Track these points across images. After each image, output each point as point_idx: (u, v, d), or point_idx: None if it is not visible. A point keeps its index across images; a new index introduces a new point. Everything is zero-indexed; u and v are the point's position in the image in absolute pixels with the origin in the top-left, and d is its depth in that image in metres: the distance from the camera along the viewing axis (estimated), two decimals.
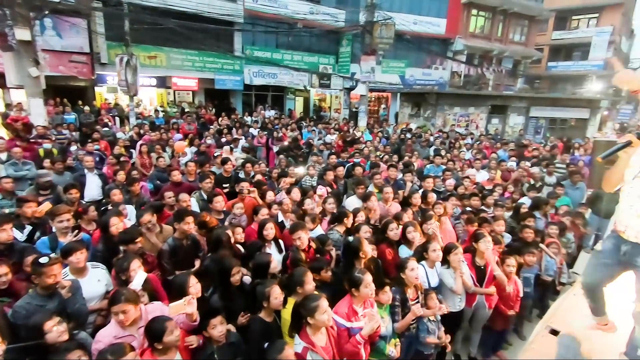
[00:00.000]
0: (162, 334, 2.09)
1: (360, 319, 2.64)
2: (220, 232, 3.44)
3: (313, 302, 2.35)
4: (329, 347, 2.46)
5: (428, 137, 11.45)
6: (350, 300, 2.70)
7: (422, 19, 19.52)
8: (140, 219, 3.61)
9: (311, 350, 2.32)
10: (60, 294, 2.51)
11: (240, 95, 17.67)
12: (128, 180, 5.20)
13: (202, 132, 10.50)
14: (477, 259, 3.78)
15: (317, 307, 2.32)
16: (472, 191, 5.83)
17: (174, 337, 2.13)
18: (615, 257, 2.11)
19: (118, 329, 2.30)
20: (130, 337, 2.28)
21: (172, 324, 2.18)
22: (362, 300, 2.71)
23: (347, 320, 2.60)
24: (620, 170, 2.09)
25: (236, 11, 15.42)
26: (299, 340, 2.37)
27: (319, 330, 2.40)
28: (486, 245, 3.69)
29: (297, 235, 3.45)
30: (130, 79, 11.33)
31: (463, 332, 4.07)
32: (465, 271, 3.63)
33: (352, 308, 2.67)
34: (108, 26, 12.93)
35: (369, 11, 12.77)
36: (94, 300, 2.89)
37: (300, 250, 3.42)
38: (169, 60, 15.10)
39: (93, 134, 8.22)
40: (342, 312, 2.62)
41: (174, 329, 2.16)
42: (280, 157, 7.56)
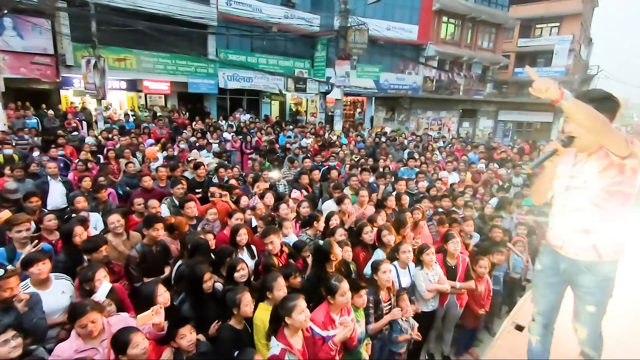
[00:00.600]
0: (125, 346, 2.02)
1: (337, 327, 2.62)
2: (199, 238, 3.36)
3: (291, 301, 2.36)
4: (305, 350, 2.45)
5: (402, 141, 11.68)
6: (327, 308, 2.69)
7: (395, 25, 19.95)
8: (107, 219, 3.48)
9: (289, 352, 2.30)
10: (17, 308, 2.37)
11: (214, 99, 17.41)
12: (94, 187, 4.99)
13: (175, 137, 10.26)
14: (448, 259, 3.88)
15: (294, 306, 2.32)
16: (444, 193, 5.98)
17: (139, 350, 2.05)
18: (557, 274, 2.04)
19: (80, 342, 2.19)
20: (93, 351, 2.18)
21: (138, 336, 2.11)
22: (339, 308, 2.70)
23: (322, 329, 2.58)
24: (548, 181, 2.05)
25: (209, 14, 15.22)
26: (276, 342, 2.34)
27: (296, 332, 2.39)
28: (455, 246, 3.79)
29: (269, 240, 3.42)
30: (98, 82, 10.94)
31: (436, 331, 4.15)
32: (438, 271, 3.72)
33: (329, 316, 2.65)
34: (74, 27, 12.44)
35: (343, 16, 12.92)
36: (58, 313, 2.74)
37: (273, 255, 3.39)
38: (139, 63, 14.68)
39: (57, 139, 7.86)
40: (318, 321, 2.60)
41: (140, 341, 2.08)
42: (254, 162, 7.49)
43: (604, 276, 1.89)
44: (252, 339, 2.62)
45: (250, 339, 2.62)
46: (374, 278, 3.18)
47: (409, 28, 20.51)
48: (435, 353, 4.21)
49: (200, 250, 3.24)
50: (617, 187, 1.77)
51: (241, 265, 3.00)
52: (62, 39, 12.65)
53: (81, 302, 2.30)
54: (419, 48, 21.54)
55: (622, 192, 1.78)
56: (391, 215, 4.89)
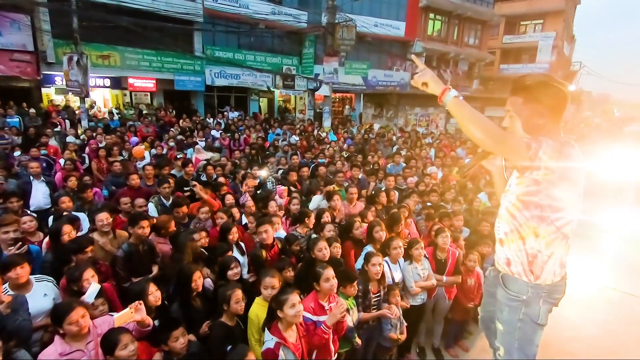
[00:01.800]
0: (114, 346, 1.99)
1: (327, 313, 2.66)
2: (185, 236, 3.32)
3: (283, 295, 2.37)
4: (299, 344, 2.45)
5: (391, 137, 11.75)
6: (315, 296, 2.73)
7: (383, 21, 19.99)
8: (95, 217, 3.42)
9: (283, 346, 2.31)
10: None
11: (201, 96, 17.18)
12: (79, 187, 4.89)
13: (162, 135, 10.11)
14: (438, 253, 3.94)
15: (286, 300, 2.32)
16: (433, 188, 6.04)
17: (127, 351, 2.02)
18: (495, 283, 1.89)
19: (64, 345, 2.14)
20: (79, 353, 2.14)
21: (127, 337, 2.07)
22: (326, 295, 2.73)
23: (313, 314, 2.62)
24: (500, 181, 1.91)
25: (195, 10, 14.99)
26: (270, 336, 2.35)
27: (290, 326, 2.40)
28: (444, 240, 3.85)
29: (264, 229, 3.43)
30: (81, 80, 10.69)
31: (426, 324, 4.20)
32: (426, 266, 3.77)
33: (318, 303, 2.69)
34: (54, 23, 12.07)
35: (330, 13, 12.90)
36: (40, 317, 2.67)
37: (263, 249, 3.39)
38: (123, 60, 14.38)
39: (40, 138, 7.66)
40: (308, 306, 2.64)
41: (128, 343, 2.05)
42: (241, 160, 7.45)
43: (514, 295, 1.73)
44: (245, 335, 2.61)
45: (243, 335, 2.61)
46: (365, 269, 3.22)
47: (396, 25, 20.58)
48: (425, 346, 4.26)
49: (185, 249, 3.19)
50: (530, 197, 1.59)
51: (234, 263, 3.00)
52: (43, 35, 12.28)
53: (64, 301, 2.26)
54: (407, 45, 21.64)
55: (536, 204, 1.58)
56: (381, 211, 4.92)
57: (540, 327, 1.72)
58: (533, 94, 1.62)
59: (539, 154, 1.47)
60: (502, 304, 1.79)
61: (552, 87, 1.60)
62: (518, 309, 1.71)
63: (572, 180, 1.54)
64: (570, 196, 1.55)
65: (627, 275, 4.01)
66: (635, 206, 5.71)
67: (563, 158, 1.50)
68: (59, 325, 2.14)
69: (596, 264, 4.17)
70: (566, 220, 1.57)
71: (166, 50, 14.81)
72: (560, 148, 1.51)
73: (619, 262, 4.35)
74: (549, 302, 1.68)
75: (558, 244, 1.60)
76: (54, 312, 2.21)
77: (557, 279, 1.65)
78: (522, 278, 1.68)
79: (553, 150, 1.49)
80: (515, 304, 1.72)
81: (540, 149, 1.48)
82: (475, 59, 24.78)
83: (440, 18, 22.49)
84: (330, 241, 3.51)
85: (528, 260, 1.65)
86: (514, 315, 1.73)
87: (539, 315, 1.68)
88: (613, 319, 3.17)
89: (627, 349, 2.75)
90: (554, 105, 1.60)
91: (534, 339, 1.73)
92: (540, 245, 1.60)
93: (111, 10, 12.21)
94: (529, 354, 1.76)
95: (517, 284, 1.71)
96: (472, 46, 24.54)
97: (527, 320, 1.70)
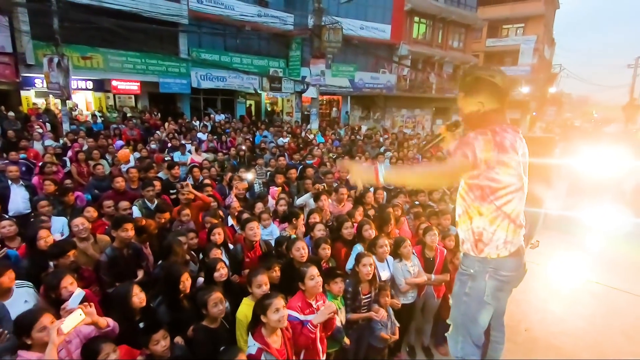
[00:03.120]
0: (95, 355, 1.92)
1: (315, 311, 2.64)
2: (172, 239, 3.26)
3: (267, 299, 2.33)
4: (284, 349, 2.41)
5: (378, 139, 11.84)
6: (301, 295, 2.70)
7: (368, 24, 20.16)
8: (71, 223, 3.31)
9: (266, 352, 2.26)
10: None
11: (187, 99, 16.97)
12: (60, 190, 4.75)
13: (147, 138, 9.93)
14: (427, 251, 3.95)
15: (269, 304, 2.28)
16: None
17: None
18: None
19: (32, 355, 2.02)
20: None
21: (109, 347, 2.00)
22: (312, 294, 2.70)
23: (300, 313, 2.59)
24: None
25: (180, 11, 14.83)
26: (253, 342, 2.30)
27: (274, 332, 2.35)
28: (432, 238, 3.86)
29: (250, 226, 3.41)
30: (62, 82, 10.42)
31: (415, 323, 4.21)
32: (416, 262, 3.78)
33: (305, 302, 2.66)
34: (34, 24, 11.75)
35: (317, 15, 12.92)
36: None
37: (246, 249, 3.36)
38: (106, 62, 14.09)
39: (20, 141, 7.43)
40: (295, 306, 2.61)
41: (110, 352, 1.98)
42: (227, 162, 7.39)
43: (464, 269, 1.86)
44: (231, 335, 2.56)
45: (229, 337, 2.56)
46: (356, 269, 3.20)
47: (382, 27, 20.78)
48: (415, 345, 4.26)
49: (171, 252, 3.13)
50: (473, 180, 1.72)
51: (220, 264, 2.95)
52: (22, 36, 11.95)
53: (27, 310, 2.17)
54: (393, 47, 21.87)
55: (477, 186, 1.72)
56: (370, 211, 4.92)
57: (486, 306, 1.78)
58: (469, 88, 1.77)
59: (477, 155, 1.63)
60: (456, 279, 1.93)
61: (483, 80, 1.73)
62: (465, 283, 1.83)
63: (506, 163, 1.65)
64: (506, 178, 1.67)
65: (609, 270, 4.11)
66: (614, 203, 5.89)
67: (497, 147, 1.64)
68: (26, 336, 2.01)
69: (580, 259, 4.26)
70: (505, 200, 1.69)
71: (151, 52, 14.59)
72: (493, 138, 1.64)
73: (601, 257, 4.45)
74: (496, 279, 1.76)
75: (500, 222, 1.72)
76: (19, 323, 2.06)
77: (504, 253, 1.74)
78: (470, 253, 1.82)
79: (485, 143, 1.64)
80: (464, 277, 1.85)
81: (475, 151, 1.63)
82: (460, 61, 25.19)
83: (425, 21, 22.81)
84: (320, 242, 3.49)
85: (474, 238, 1.77)
86: (461, 289, 1.85)
87: (485, 290, 1.77)
88: (597, 312, 3.24)
89: (612, 340, 2.82)
90: (488, 95, 1.72)
91: (478, 317, 1.81)
92: (484, 223, 1.73)
93: (93, 11, 11.96)
94: (473, 334, 1.83)
95: (467, 259, 1.85)
96: (457, 49, 24.97)
97: (473, 294, 1.80)
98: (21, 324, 2.04)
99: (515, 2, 27.98)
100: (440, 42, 23.89)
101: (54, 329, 1.92)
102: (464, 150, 1.66)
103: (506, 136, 1.68)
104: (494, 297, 1.78)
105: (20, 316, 2.09)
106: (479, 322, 1.81)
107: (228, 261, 3.35)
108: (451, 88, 24.29)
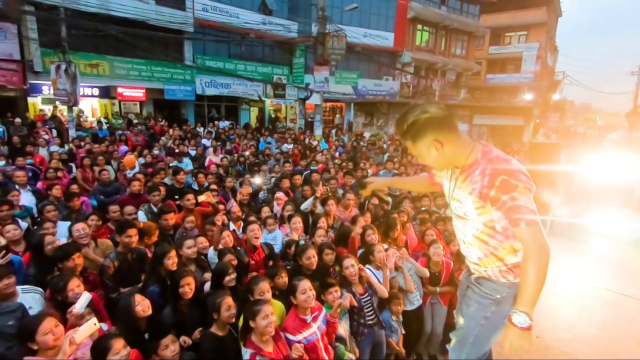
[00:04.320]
0: (105, 352, 1.90)
1: (312, 325, 2.60)
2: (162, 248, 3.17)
3: (257, 305, 2.35)
4: (277, 352, 2.41)
5: (381, 145, 11.83)
6: (295, 312, 2.65)
7: (372, 32, 20.31)
8: (72, 228, 3.31)
9: (259, 355, 2.28)
10: None
11: (192, 106, 17.10)
12: (66, 195, 4.77)
13: (151, 144, 9.99)
14: (432, 266, 3.86)
15: (258, 310, 2.30)
16: (425, 193, 6.06)
17: (119, 356, 1.94)
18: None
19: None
20: None
21: (119, 343, 1.99)
22: (305, 308, 2.64)
23: (295, 334, 2.54)
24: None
25: (185, 19, 15.01)
26: (245, 350, 2.33)
27: (264, 338, 2.35)
28: (436, 251, 3.80)
29: (252, 228, 3.43)
30: (70, 89, 10.53)
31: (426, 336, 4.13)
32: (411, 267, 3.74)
33: (299, 318, 2.61)
34: (42, 32, 11.92)
35: (321, 23, 13.03)
36: None
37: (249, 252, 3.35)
38: (112, 69, 14.25)
39: (26, 147, 7.50)
40: (290, 327, 2.58)
41: (120, 348, 1.97)
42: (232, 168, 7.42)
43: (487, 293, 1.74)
44: (238, 344, 2.54)
45: (235, 345, 2.52)
46: (342, 275, 3.19)
47: (385, 35, 20.93)
48: (422, 353, 4.21)
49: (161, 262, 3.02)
50: (497, 223, 1.61)
51: (230, 269, 2.93)
52: (30, 44, 12.13)
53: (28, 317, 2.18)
54: (396, 55, 21.99)
55: (503, 227, 1.60)
56: (375, 216, 4.91)
57: (502, 328, 1.65)
58: (412, 134, 1.61)
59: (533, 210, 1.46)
60: (470, 299, 1.79)
61: (417, 121, 1.57)
62: (488, 307, 1.71)
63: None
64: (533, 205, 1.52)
65: (618, 276, 4.06)
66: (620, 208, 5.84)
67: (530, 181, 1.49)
68: (31, 341, 1.99)
69: (589, 265, 4.21)
70: None
71: (156, 59, 14.74)
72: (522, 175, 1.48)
73: (610, 263, 4.40)
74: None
75: None
76: (23, 328, 2.04)
77: None
78: (500, 280, 1.68)
79: (527, 192, 1.46)
80: (487, 302, 1.72)
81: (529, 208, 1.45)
82: (463, 69, 25.29)
83: (427, 29, 22.96)
84: (323, 247, 3.46)
85: (506, 269, 1.65)
86: (480, 312, 1.73)
87: (507, 315, 1.60)
88: (609, 319, 3.19)
89: (625, 348, 2.77)
90: (436, 130, 1.57)
91: (491, 339, 1.75)
92: (518, 257, 1.60)
93: (100, 19, 12.15)
94: (479, 352, 1.78)
95: (491, 285, 1.72)
96: (459, 56, 25.07)
97: (494, 319, 1.69)
98: (25, 329, 2.03)
99: (517, 10, 28.11)
100: (443, 49, 24.01)
101: (67, 338, 1.92)
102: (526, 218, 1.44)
103: (514, 161, 1.55)
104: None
105: (24, 323, 2.10)
106: (490, 342, 1.78)
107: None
108: (454, 95, 24.37)
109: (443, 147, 1.58)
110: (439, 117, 1.57)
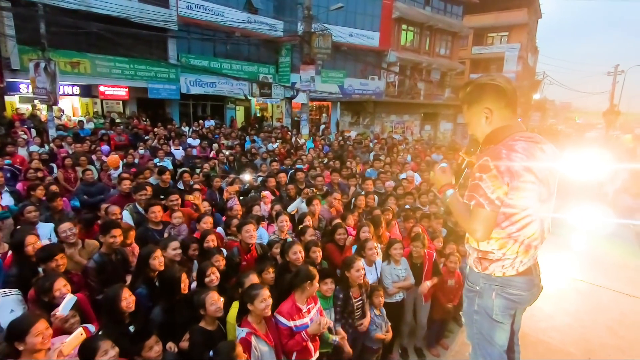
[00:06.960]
0: (94, 353, 1.90)
1: (305, 315, 2.67)
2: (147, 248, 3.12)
3: (254, 290, 2.49)
4: (269, 336, 2.53)
5: (368, 144, 11.94)
6: (293, 299, 2.73)
7: (357, 31, 20.44)
8: (58, 228, 3.27)
9: (255, 335, 2.41)
10: None
11: (177, 104, 16.88)
12: (49, 196, 4.67)
13: (135, 144, 9.82)
14: (414, 258, 4.00)
15: (257, 294, 2.44)
16: (409, 191, 6.19)
17: (108, 357, 1.94)
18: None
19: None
20: None
21: (107, 344, 1.99)
22: (305, 298, 2.74)
23: (289, 320, 2.64)
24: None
25: (169, 17, 14.80)
26: (241, 329, 2.44)
27: (259, 319, 2.50)
28: (416, 249, 3.96)
29: (247, 229, 3.44)
30: (49, 87, 10.26)
31: (408, 326, 4.24)
32: (404, 266, 3.85)
33: (295, 306, 2.70)
34: (19, 28, 11.58)
35: (307, 22, 13.05)
36: None
37: (242, 252, 3.36)
38: (94, 67, 13.95)
39: (4, 147, 7.28)
40: (284, 311, 2.67)
41: (108, 348, 1.97)
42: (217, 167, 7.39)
43: (470, 285, 1.79)
44: (226, 339, 2.56)
45: (225, 339, 2.55)
46: (346, 274, 3.21)
47: (371, 35, 21.08)
48: (408, 346, 4.30)
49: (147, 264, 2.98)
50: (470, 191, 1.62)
51: (211, 270, 2.94)
52: (7, 41, 11.77)
53: (24, 314, 2.18)
54: (381, 54, 22.18)
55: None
56: (362, 215, 4.97)
57: (498, 325, 1.68)
58: (471, 97, 1.66)
59: (491, 198, 1.50)
60: (464, 295, 1.85)
61: (484, 85, 1.62)
62: (473, 300, 1.75)
63: (519, 187, 1.51)
64: (520, 202, 1.53)
65: (593, 268, 4.26)
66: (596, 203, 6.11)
67: (507, 176, 1.49)
68: (19, 341, 1.96)
69: (566, 258, 4.39)
70: (522, 223, 1.56)
71: (139, 57, 14.50)
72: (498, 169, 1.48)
73: (585, 256, 4.60)
74: (504, 298, 1.65)
75: (511, 247, 1.59)
76: (14, 328, 2.00)
77: (510, 272, 1.63)
78: (474, 268, 1.73)
79: (492, 181, 1.49)
80: (471, 294, 1.76)
81: (487, 195, 1.50)
82: (447, 68, 25.67)
83: (412, 29, 23.23)
84: (310, 245, 3.50)
85: (479, 256, 1.69)
86: (470, 307, 1.77)
87: (492, 308, 1.66)
88: (582, 308, 3.37)
89: (597, 335, 2.92)
90: (493, 99, 1.60)
91: (493, 337, 1.70)
92: (492, 246, 1.62)
93: (81, 16, 11.88)
94: (492, 355, 1.71)
95: (472, 274, 1.76)
96: (444, 56, 25.46)
97: (482, 312, 1.70)
98: (16, 329, 1.99)
99: (499, 11, 28.73)
100: (427, 49, 24.34)
101: (55, 351, 1.91)
102: (477, 199, 1.52)
103: (517, 156, 1.50)
104: (505, 316, 1.67)
105: (16, 321, 2.05)
106: (496, 341, 1.70)
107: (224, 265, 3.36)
108: (439, 94, 24.73)
109: (492, 118, 1.61)
110: (502, 88, 1.59)
